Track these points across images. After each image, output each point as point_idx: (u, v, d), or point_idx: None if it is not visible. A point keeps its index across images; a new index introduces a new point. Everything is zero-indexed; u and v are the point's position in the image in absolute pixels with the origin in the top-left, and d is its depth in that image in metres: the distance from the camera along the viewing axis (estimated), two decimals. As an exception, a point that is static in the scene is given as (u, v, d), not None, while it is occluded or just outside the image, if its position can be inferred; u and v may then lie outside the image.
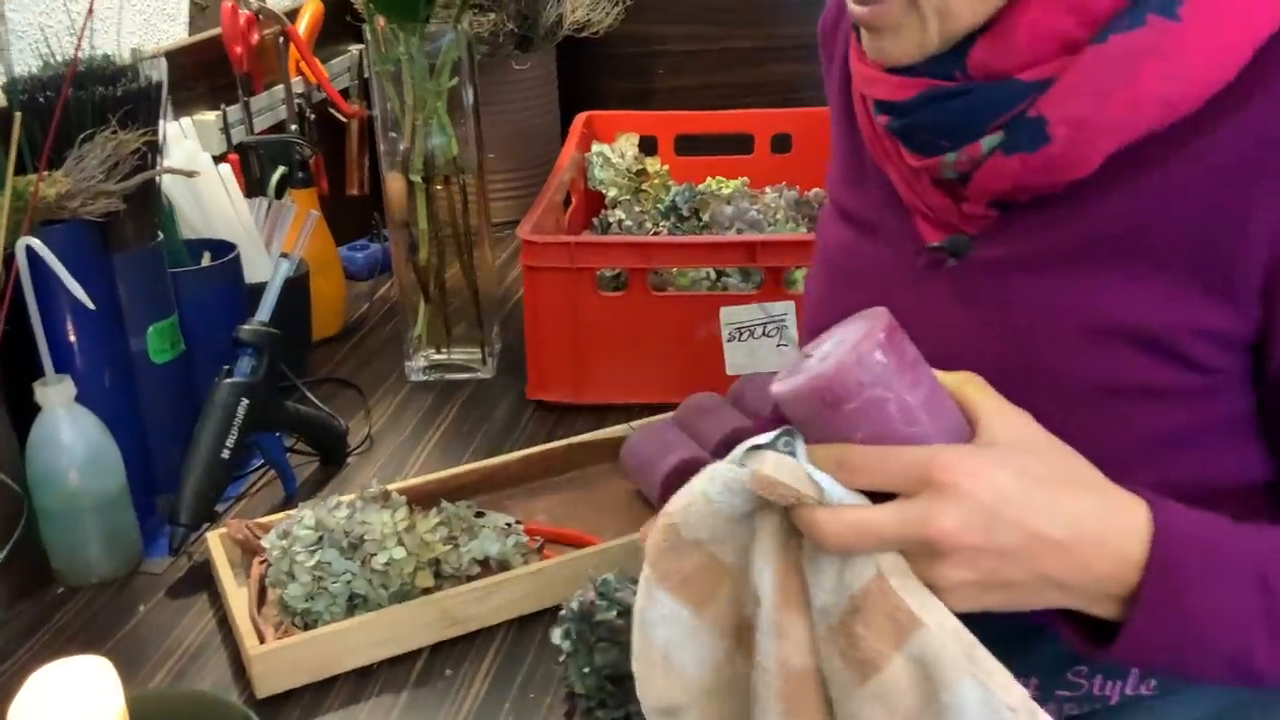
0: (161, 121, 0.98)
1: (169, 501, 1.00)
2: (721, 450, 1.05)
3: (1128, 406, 0.62)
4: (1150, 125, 0.59)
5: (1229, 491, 0.64)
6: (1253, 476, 0.64)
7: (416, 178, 1.25)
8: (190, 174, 1.03)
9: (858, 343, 0.52)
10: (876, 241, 0.73)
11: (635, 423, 1.14)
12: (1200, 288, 0.59)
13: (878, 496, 0.53)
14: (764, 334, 1.21)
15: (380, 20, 1.20)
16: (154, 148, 0.97)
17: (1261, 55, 0.57)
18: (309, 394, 1.20)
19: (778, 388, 0.55)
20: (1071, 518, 0.53)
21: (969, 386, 0.56)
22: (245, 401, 1.02)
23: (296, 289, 1.29)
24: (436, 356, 1.35)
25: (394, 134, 1.26)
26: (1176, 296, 0.60)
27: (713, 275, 1.29)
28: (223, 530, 0.98)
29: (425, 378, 1.34)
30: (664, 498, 1.01)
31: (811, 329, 0.82)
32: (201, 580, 0.98)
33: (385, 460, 1.18)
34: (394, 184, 1.26)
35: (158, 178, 0.99)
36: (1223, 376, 0.62)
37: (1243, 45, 0.57)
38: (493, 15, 1.68)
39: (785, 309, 1.20)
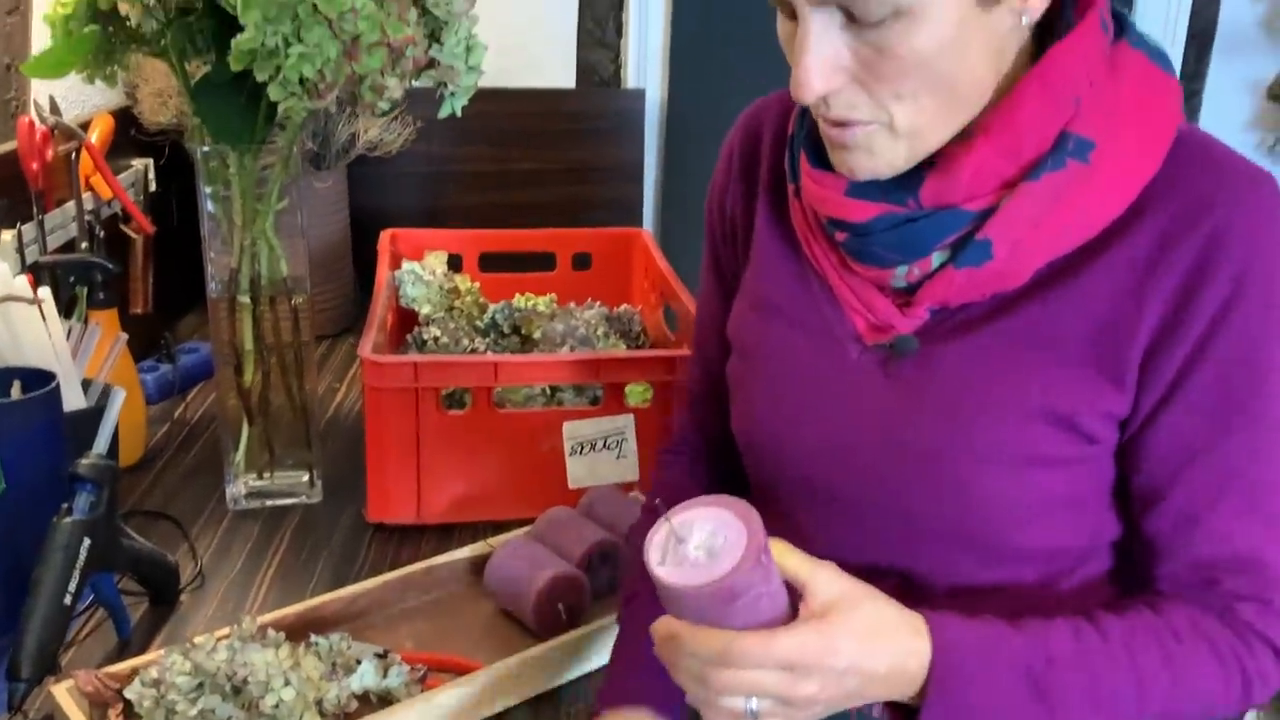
0: (-2, 244, 0.92)
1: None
2: (588, 562, 1.07)
3: (1036, 472, 0.75)
4: (1070, 246, 0.73)
5: (1093, 547, 0.79)
6: (1110, 535, 0.80)
7: (244, 298, 1.22)
8: (32, 301, 0.96)
9: (746, 547, 0.62)
10: (813, 336, 0.83)
11: (492, 540, 1.14)
12: (1100, 374, 0.73)
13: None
14: (604, 447, 1.25)
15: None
16: (-11, 272, 0.91)
17: (1145, 192, 0.72)
18: (128, 530, 1.12)
19: (669, 577, 0.63)
20: (885, 656, 0.69)
21: (781, 551, 0.69)
22: (87, 541, 0.95)
23: (96, 415, 1.21)
24: (257, 482, 1.30)
25: (215, 253, 1.23)
26: (1082, 382, 0.73)
27: (548, 391, 1.32)
28: (68, 683, 0.90)
29: (248, 505, 1.28)
30: (538, 616, 1.03)
31: (748, 426, 0.88)
32: (45, 741, 0.90)
33: (221, 597, 1.12)
34: (219, 304, 1.22)
35: (-11, 303, 0.92)
36: (1104, 448, 0.75)
37: (1133, 185, 0.72)
38: (289, 133, 1.66)
39: (625, 423, 1.25)
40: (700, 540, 0.63)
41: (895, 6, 0.66)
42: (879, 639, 0.69)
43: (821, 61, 0.69)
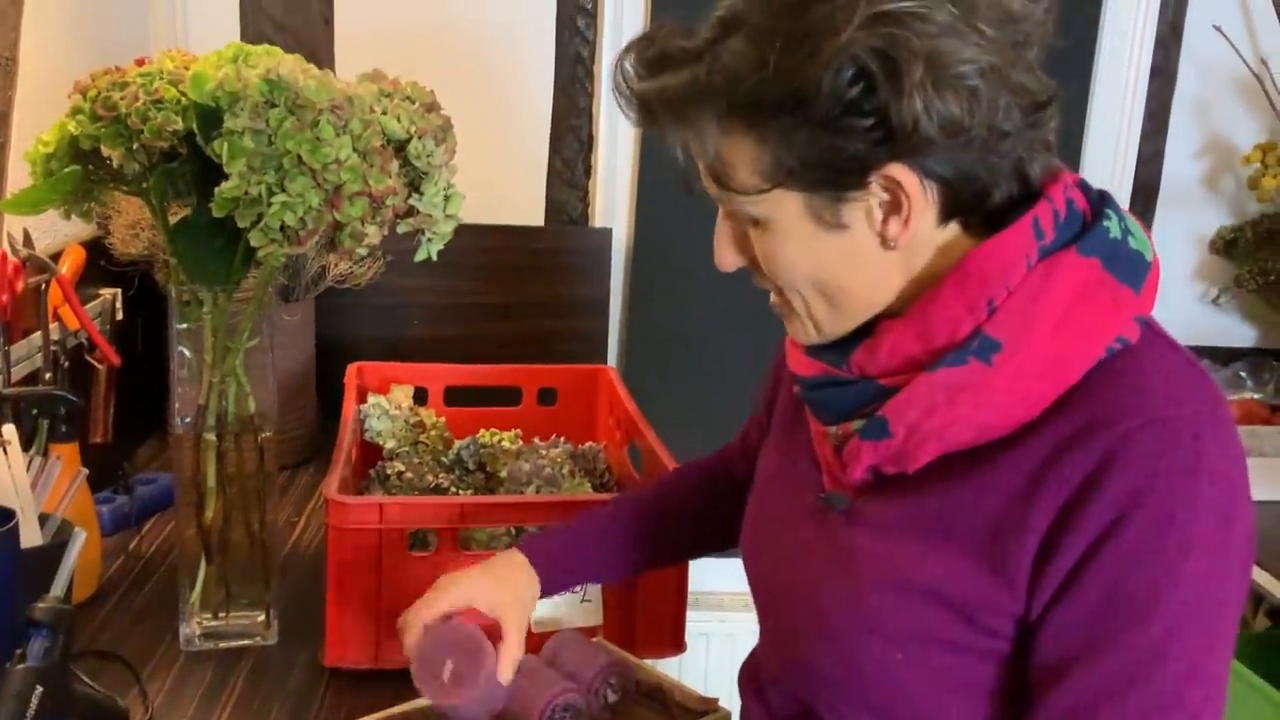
0: (-31, 384, 0.91)
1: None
2: (552, 712, 1.05)
3: (928, 653, 0.76)
4: (968, 440, 0.74)
5: None
6: None
7: (210, 435, 1.21)
8: (1, 444, 0.95)
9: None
10: (792, 476, 0.89)
11: (453, 688, 1.12)
12: (991, 571, 0.73)
13: None
14: (569, 591, 1.24)
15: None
16: (-43, 412, 0.90)
17: (1058, 401, 0.72)
18: (80, 675, 1.09)
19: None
20: None
21: None
22: (39, 689, 0.92)
23: (54, 552, 1.19)
24: (212, 622, 1.27)
25: (182, 388, 1.22)
26: (974, 573, 0.74)
27: (513, 531, 1.31)
28: (10, 843, 0.86)
29: (202, 646, 1.25)
30: None
31: (744, 546, 0.96)
32: None
33: (172, 744, 1.09)
34: (184, 440, 1.21)
35: (-46, 443, 0.91)
36: (1012, 645, 0.75)
37: (1042, 394, 0.72)
38: (259, 265, 1.67)
39: (591, 566, 1.24)
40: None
41: (751, 215, 0.76)
42: None
43: (726, 241, 0.80)
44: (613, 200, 2.05)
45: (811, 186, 0.73)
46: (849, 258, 0.75)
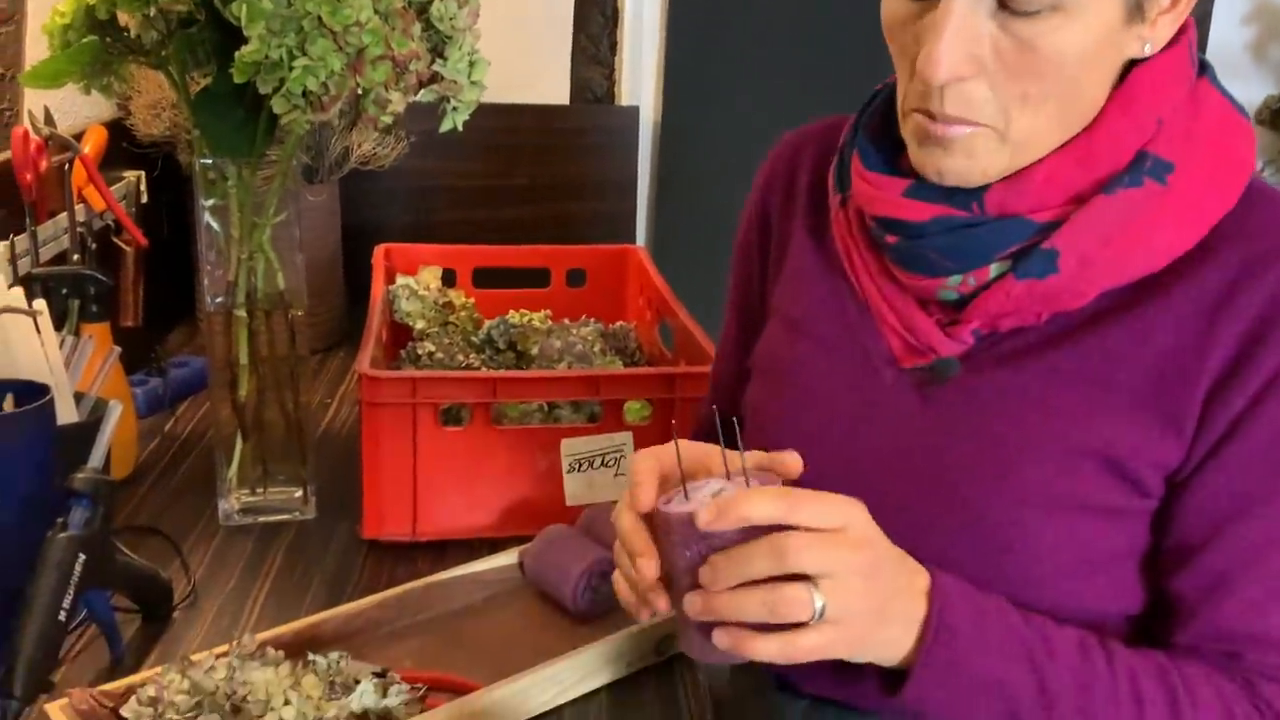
0: (-3, 255, 0.90)
1: (-9, 674, 0.89)
2: (588, 579, 1.06)
3: (1078, 521, 0.71)
4: (1140, 270, 0.69)
5: (1121, 618, 0.74)
6: (1133, 610, 0.74)
7: (241, 312, 1.21)
8: (30, 313, 0.94)
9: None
10: (844, 357, 0.79)
11: (483, 562, 1.13)
12: (1157, 419, 0.69)
13: None
14: (603, 464, 1.24)
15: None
16: (-14, 283, 0.89)
17: (1214, 232, 0.69)
18: (121, 546, 1.10)
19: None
20: (904, 566, 0.69)
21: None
22: (82, 556, 0.93)
23: (90, 429, 1.20)
24: (250, 498, 1.28)
25: (211, 266, 1.22)
26: (1138, 426, 0.69)
27: (545, 408, 1.31)
28: (62, 701, 0.88)
29: (241, 521, 1.26)
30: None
31: (764, 443, 0.85)
32: (37, 762, 0.88)
33: (214, 615, 1.10)
34: (215, 318, 1.21)
35: (-15, 315, 0.91)
36: (1149, 504, 0.71)
37: (1205, 219, 0.69)
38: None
39: (624, 440, 1.24)
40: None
41: (1055, 1, 0.65)
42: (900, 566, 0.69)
43: (960, 44, 0.66)
44: (639, 77, 2.00)
45: None
46: (1117, 56, 0.69)
